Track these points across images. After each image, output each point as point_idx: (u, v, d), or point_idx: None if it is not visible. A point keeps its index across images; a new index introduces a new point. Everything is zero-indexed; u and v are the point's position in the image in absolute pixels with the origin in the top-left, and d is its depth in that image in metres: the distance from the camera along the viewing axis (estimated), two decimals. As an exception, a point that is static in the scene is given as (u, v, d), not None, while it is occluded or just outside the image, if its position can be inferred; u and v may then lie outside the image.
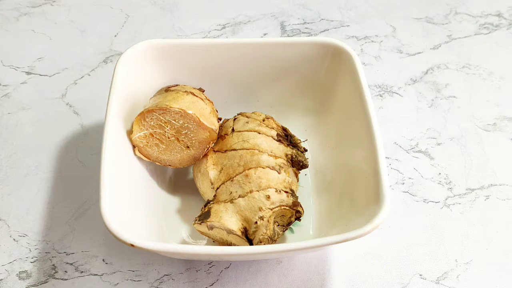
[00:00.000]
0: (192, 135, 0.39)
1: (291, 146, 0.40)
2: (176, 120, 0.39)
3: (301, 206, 0.38)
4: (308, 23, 0.59)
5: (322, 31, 0.58)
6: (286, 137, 0.40)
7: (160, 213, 0.41)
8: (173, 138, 0.40)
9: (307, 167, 0.40)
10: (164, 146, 0.40)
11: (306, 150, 0.41)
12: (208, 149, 0.40)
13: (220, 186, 0.39)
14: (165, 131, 0.39)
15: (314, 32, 0.58)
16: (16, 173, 0.46)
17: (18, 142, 0.48)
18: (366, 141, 0.38)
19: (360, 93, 0.40)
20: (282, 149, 0.39)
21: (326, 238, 0.34)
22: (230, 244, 0.38)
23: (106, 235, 0.42)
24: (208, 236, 0.39)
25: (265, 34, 0.58)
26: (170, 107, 0.38)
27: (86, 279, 0.40)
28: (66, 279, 0.40)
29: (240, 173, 0.38)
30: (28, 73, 0.53)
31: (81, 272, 0.41)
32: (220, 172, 0.39)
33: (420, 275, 0.41)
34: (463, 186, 0.46)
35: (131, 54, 0.42)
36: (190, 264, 0.41)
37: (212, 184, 0.39)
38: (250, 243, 0.37)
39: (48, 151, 0.47)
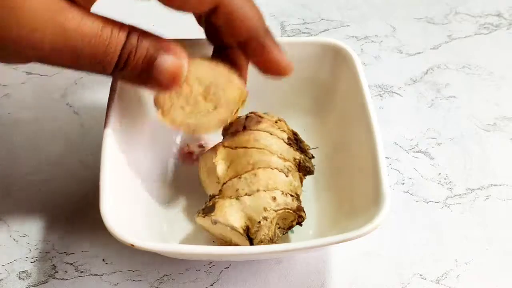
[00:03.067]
0: (221, 93, 0.37)
1: (299, 151, 0.40)
2: (205, 75, 0.36)
3: (304, 211, 0.38)
4: (308, 23, 0.59)
5: (322, 31, 0.58)
6: (296, 142, 0.40)
7: (161, 213, 0.41)
8: (200, 97, 0.37)
9: (313, 173, 0.40)
10: (190, 108, 0.37)
11: (313, 157, 0.41)
12: (236, 112, 0.37)
13: (227, 181, 0.38)
14: (192, 90, 0.36)
15: (314, 32, 0.58)
16: (16, 173, 0.46)
17: (18, 142, 0.48)
18: (366, 141, 0.38)
19: (360, 93, 0.40)
20: (291, 153, 0.39)
21: (327, 238, 0.34)
22: (230, 241, 0.38)
23: (106, 235, 0.42)
24: (208, 231, 0.39)
25: (265, 34, 0.57)
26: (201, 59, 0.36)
27: (86, 279, 0.40)
28: (66, 279, 0.40)
29: (249, 171, 0.38)
30: (28, 73, 0.53)
31: (81, 272, 0.41)
32: (228, 168, 0.39)
33: (420, 275, 0.41)
34: (463, 186, 0.46)
35: None
36: (190, 264, 0.41)
37: (218, 178, 0.39)
38: (251, 242, 0.37)
39: (48, 151, 0.47)
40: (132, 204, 0.38)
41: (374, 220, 0.33)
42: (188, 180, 0.45)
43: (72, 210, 0.44)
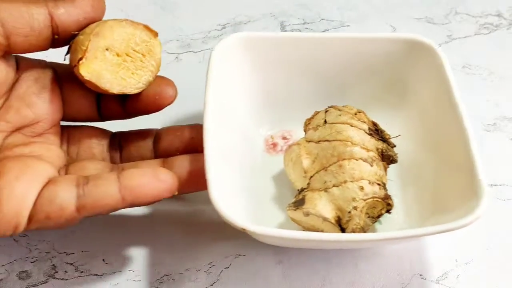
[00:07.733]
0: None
1: (381, 141, 0.41)
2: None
3: (391, 199, 0.39)
4: (308, 23, 0.59)
5: (322, 31, 0.58)
6: (376, 132, 0.41)
7: (254, 202, 0.42)
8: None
9: (397, 162, 0.41)
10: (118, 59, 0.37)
11: (395, 146, 0.41)
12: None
13: (314, 175, 0.39)
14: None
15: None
16: (16, 173, 0.46)
17: (18, 142, 0.48)
18: (459, 138, 0.39)
19: (446, 88, 0.41)
20: (373, 143, 0.40)
21: (428, 228, 0.34)
22: (321, 232, 0.39)
23: (106, 235, 0.43)
24: (299, 224, 0.39)
25: (265, 34, 0.58)
26: None
27: (86, 279, 0.40)
28: (66, 279, 0.40)
29: (334, 163, 0.39)
30: (28, 73, 0.53)
31: (81, 272, 0.41)
32: (314, 162, 0.40)
33: (420, 275, 0.41)
34: (463, 186, 0.46)
35: (222, 48, 0.42)
36: (190, 264, 0.41)
37: (305, 172, 0.40)
38: (343, 232, 0.38)
39: (48, 151, 0.47)
40: (234, 191, 0.39)
41: (475, 211, 0.34)
42: (274, 170, 0.45)
43: (72, 210, 0.44)
